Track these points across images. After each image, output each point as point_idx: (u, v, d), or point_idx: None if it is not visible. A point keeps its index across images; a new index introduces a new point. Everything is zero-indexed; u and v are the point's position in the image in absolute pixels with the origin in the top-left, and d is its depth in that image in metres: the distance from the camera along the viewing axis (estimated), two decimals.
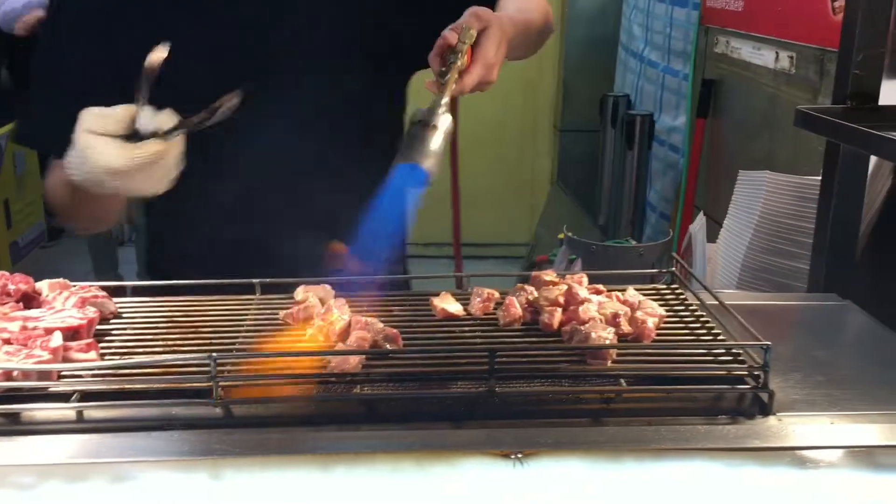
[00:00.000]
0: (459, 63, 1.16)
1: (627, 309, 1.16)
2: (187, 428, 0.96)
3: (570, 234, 2.69)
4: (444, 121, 1.14)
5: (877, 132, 1.28)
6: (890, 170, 1.75)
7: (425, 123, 1.12)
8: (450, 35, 1.17)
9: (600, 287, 1.26)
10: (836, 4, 2.09)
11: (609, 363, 1.05)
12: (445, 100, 1.15)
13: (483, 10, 1.23)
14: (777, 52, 2.45)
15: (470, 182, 5.28)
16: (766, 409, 1.01)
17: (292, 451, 0.91)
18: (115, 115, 1.09)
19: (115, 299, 1.23)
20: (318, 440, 0.93)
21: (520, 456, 0.89)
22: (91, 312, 1.12)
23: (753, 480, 0.88)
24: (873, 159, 1.68)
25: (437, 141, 1.12)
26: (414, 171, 1.11)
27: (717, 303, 1.21)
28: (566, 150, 5.15)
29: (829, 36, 1.74)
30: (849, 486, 0.88)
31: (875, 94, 1.52)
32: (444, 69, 1.17)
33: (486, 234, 5.15)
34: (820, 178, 1.59)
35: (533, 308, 1.18)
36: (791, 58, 2.37)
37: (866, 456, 0.93)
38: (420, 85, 1.32)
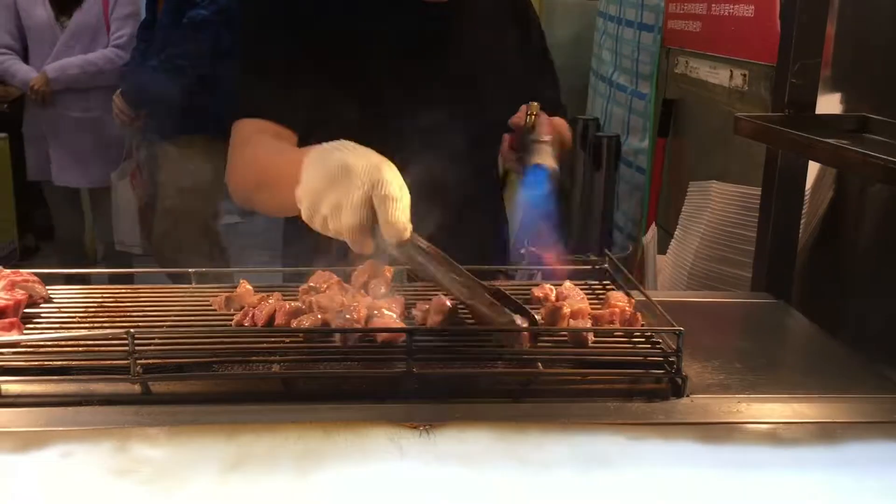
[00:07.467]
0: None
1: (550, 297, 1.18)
2: (105, 403, 0.97)
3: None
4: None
5: (809, 136, 1.31)
6: (832, 180, 1.79)
7: (537, 140, 1.42)
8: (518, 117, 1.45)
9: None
10: None
11: (526, 347, 1.07)
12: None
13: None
14: (731, 71, 2.50)
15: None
16: (679, 392, 1.02)
17: (201, 422, 0.92)
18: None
19: (49, 287, 1.24)
20: (228, 413, 0.94)
21: (427, 427, 0.91)
22: (19, 294, 1.13)
23: (654, 452, 0.89)
24: (814, 170, 1.71)
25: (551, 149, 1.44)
26: (542, 170, 1.40)
27: (645, 299, 1.23)
28: None
29: None
30: (749, 458, 0.90)
31: (812, 103, 1.56)
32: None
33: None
34: None
35: None
36: (744, 75, 2.42)
37: (768, 431, 0.95)
38: None
